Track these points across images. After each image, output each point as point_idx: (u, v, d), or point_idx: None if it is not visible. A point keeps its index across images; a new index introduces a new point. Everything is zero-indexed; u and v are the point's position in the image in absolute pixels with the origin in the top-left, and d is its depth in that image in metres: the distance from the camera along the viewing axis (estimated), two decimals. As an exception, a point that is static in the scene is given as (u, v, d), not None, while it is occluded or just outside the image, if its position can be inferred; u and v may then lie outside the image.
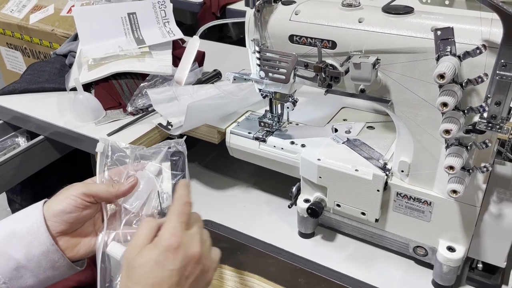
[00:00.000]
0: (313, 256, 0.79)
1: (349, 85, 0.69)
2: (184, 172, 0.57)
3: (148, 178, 0.56)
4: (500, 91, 0.55)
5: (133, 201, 0.56)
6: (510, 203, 0.66)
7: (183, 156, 0.57)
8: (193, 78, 0.97)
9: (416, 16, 0.62)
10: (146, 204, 0.56)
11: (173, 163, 0.56)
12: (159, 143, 0.58)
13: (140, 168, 0.57)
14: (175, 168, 0.56)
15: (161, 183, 0.56)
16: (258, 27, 0.71)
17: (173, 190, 0.55)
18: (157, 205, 0.55)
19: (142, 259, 0.47)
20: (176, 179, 0.56)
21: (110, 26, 1.01)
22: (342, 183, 0.73)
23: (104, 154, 0.57)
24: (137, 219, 0.56)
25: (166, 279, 0.46)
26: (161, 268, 0.47)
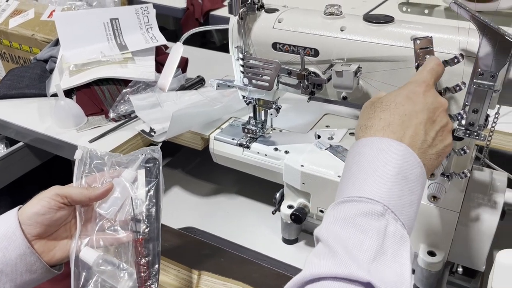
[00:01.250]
0: (296, 262, 0.80)
1: (332, 93, 0.70)
2: (158, 178, 0.57)
3: (124, 185, 0.56)
4: (477, 99, 0.56)
5: (108, 206, 0.56)
6: (488, 208, 0.67)
7: (157, 163, 0.57)
8: (176, 84, 0.97)
9: (396, 25, 0.64)
10: (120, 211, 0.56)
11: (147, 170, 0.57)
12: (136, 151, 0.59)
13: (116, 175, 0.58)
14: (149, 175, 0.56)
15: (136, 190, 0.56)
16: (242, 35, 0.72)
17: (146, 197, 0.55)
18: (131, 211, 0.55)
19: (389, 96, 0.48)
20: (150, 186, 0.56)
21: (92, 31, 1.00)
22: (325, 189, 0.74)
23: (82, 161, 0.58)
24: (111, 225, 0.56)
25: (415, 114, 0.46)
26: (411, 103, 0.46)
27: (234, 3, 0.67)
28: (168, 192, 0.99)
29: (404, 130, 0.45)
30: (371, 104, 0.50)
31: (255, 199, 0.96)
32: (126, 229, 0.56)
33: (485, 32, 0.52)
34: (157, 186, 0.57)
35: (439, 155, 0.47)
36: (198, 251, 0.73)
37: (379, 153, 0.43)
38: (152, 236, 0.55)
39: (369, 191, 0.41)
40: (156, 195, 0.56)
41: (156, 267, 0.55)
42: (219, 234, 0.87)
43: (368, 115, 0.48)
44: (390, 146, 0.44)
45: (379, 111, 0.47)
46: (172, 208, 0.94)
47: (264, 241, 0.85)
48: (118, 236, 0.56)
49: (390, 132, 0.45)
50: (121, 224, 0.57)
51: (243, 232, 0.87)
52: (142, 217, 0.55)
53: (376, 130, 0.46)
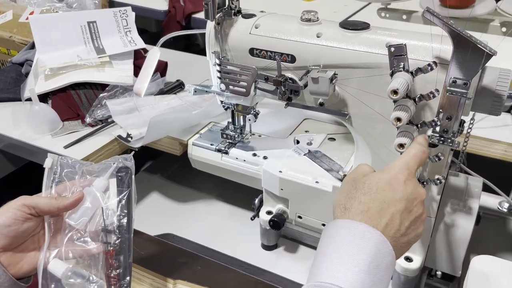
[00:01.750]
0: (275, 268, 0.79)
1: (309, 98, 0.69)
2: (130, 188, 0.56)
3: (95, 195, 0.55)
4: (450, 107, 0.57)
5: (78, 217, 0.55)
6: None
7: (130, 172, 0.56)
8: (155, 88, 0.96)
9: (372, 32, 0.64)
10: (91, 221, 0.54)
11: (118, 179, 0.55)
12: (108, 159, 0.57)
13: (87, 184, 0.56)
14: (120, 184, 0.55)
15: (107, 200, 0.55)
16: (219, 40, 0.71)
17: (118, 207, 0.54)
18: (102, 222, 0.54)
19: (372, 179, 0.49)
20: (122, 196, 0.55)
21: (68, 34, 0.98)
22: (303, 195, 0.74)
23: (52, 170, 0.56)
24: (81, 236, 0.55)
25: (393, 202, 0.46)
26: (392, 191, 0.47)
27: (210, 8, 0.67)
28: (147, 198, 0.98)
29: (381, 218, 0.46)
30: (353, 182, 0.50)
31: (234, 205, 0.95)
32: (97, 240, 0.55)
33: (457, 40, 0.53)
34: (129, 196, 0.55)
35: (409, 243, 0.48)
36: (175, 259, 0.72)
37: (355, 238, 0.44)
38: (123, 247, 0.54)
39: (343, 280, 0.41)
40: (128, 205, 0.55)
41: (127, 280, 0.53)
42: (197, 240, 0.86)
43: (348, 193, 0.49)
44: (365, 233, 0.44)
45: (360, 193, 0.48)
46: (150, 214, 0.93)
47: (243, 247, 0.84)
48: (88, 248, 0.55)
49: (368, 218, 0.46)
50: (91, 235, 0.55)
51: (222, 238, 0.86)
52: (113, 228, 0.54)
53: (355, 214, 0.46)
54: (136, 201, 0.57)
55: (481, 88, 0.58)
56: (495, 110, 0.59)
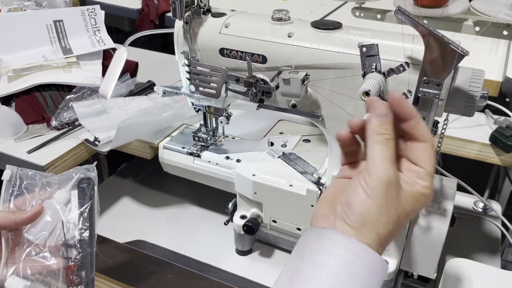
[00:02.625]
0: (250, 274, 0.77)
1: (282, 100, 0.67)
2: (93, 200, 0.53)
3: (55, 208, 0.52)
4: (423, 108, 0.56)
5: (37, 231, 0.52)
6: (438, 216, 0.67)
7: (92, 183, 0.54)
8: (124, 90, 0.93)
9: (344, 32, 0.62)
10: (51, 235, 0.52)
11: (80, 191, 0.53)
12: (69, 170, 0.54)
13: (47, 196, 0.53)
14: (82, 196, 0.53)
15: (68, 212, 0.52)
16: (188, 40, 0.68)
17: (79, 220, 0.52)
18: (62, 236, 0.52)
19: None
20: (83, 208, 0.52)
21: (33, 34, 0.94)
22: (277, 198, 0.72)
23: (10, 183, 0.53)
24: (40, 251, 0.52)
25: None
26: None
27: (178, 6, 0.64)
28: (117, 203, 0.94)
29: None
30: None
31: (209, 209, 0.93)
32: (57, 255, 0.52)
33: (429, 40, 0.52)
34: (91, 208, 0.53)
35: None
36: (145, 267, 0.70)
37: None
38: (85, 262, 0.51)
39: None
40: (90, 218, 0.53)
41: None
42: (170, 246, 0.83)
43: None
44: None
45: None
46: (120, 220, 0.90)
47: (217, 253, 0.82)
48: (48, 263, 0.52)
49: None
50: (51, 250, 0.52)
51: (195, 244, 0.84)
52: (74, 242, 0.52)
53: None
54: (99, 212, 0.54)
55: (454, 88, 0.57)
56: (468, 111, 0.58)
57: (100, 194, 0.97)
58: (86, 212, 0.52)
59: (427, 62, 0.53)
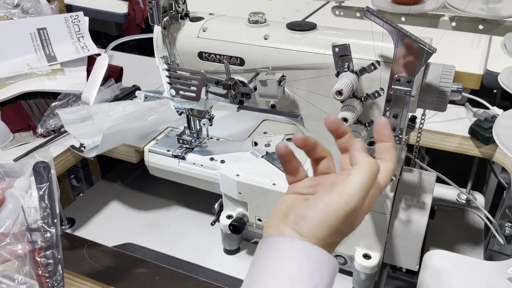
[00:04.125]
0: (238, 272, 0.79)
1: (261, 101, 0.69)
2: (50, 182, 0.53)
3: (16, 195, 0.53)
4: (396, 105, 0.57)
5: (1, 220, 0.52)
6: (418, 209, 0.68)
7: (47, 165, 0.54)
8: (109, 95, 0.94)
9: (318, 32, 0.63)
10: (15, 223, 0.53)
11: (36, 174, 0.53)
12: (26, 156, 0.55)
13: (7, 186, 0.54)
14: (39, 179, 0.53)
15: (29, 198, 0.53)
16: (167, 44, 0.69)
17: (40, 204, 0.53)
18: (24, 222, 0.52)
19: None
20: (42, 191, 0.53)
21: (17, 42, 0.95)
22: (261, 198, 0.73)
23: None
24: (5, 239, 0.53)
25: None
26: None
27: (155, 12, 0.65)
28: (106, 207, 0.95)
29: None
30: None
31: (197, 210, 0.94)
32: (23, 241, 0.53)
33: (399, 39, 0.53)
34: (49, 191, 0.53)
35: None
36: (133, 270, 0.71)
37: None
38: (51, 243, 0.52)
39: None
40: (49, 200, 0.53)
41: (59, 276, 0.52)
42: (158, 248, 0.84)
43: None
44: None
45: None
46: (109, 224, 0.91)
47: (205, 253, 0.83)
48: (14, 249, 0.52)
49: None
50: (16, 236, 0.53)
51: (183, 245, 0.85)
52: (37, 226, 0.52)
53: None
54: (59, 195, 0.55)
55: (425, 85, 0.59)
56: (440, 106, 0.59)
57: (90, 198, 0.99)
58: (46, 195, 0.53)
59: (397, 60, 0.54)
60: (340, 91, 0.54)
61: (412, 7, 1.05)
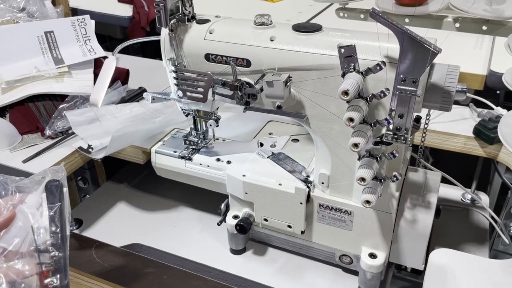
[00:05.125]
0: (244, 272, 0.79)
1: (267, 102, 0.69)
2: (62, 202, 0.52)
3: (26, 213, 0.52)
4: (402, 104, 0.57)
5: (10, 238, 0.51)
6: (423, 208, 0.69)
7: (60, 184, 0.53)
8: (116, 97, 0.95)
9: (324, 34, 0.64)
10: (24, 241, 0.51)
11: (48, 193, 0.52)
12: (37, 173, 0.54)
13: (18, 202, 0.53)
14: (51, 199, 0.52)
15: (39, 217, 0.52)
16: (174, 47, 0.70)
17: (50, 224, 0.51)
18: (33, 242, 0.51)
19: None
20: (53, 211, 0.51)
21: (25, 46, 0.96)
22: (267, 197, 0.74)
23: None
24: (14, 258, 0.51)
25: None
26: None
27: (162, 15, 0.66)
28: (113, 208, 0.96)
29: None
30: None
31: (203, 210, 0.94)
32: (31, 261, 0.51)
33: (404, 40, 0.54)
34: (60, 211, 0.52)
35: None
36: (140, 270, 0.72)
37: None
38: (59, 267, 0.51)
39: None
40: (60, 221, 0.52)
41: None
42: (165, 248, 0.85)
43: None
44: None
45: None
46: (117, 225, 0.91)
47: (212, 253, 0.84)
48: (21, 270, 0.51)
49: None
50: (24, 256, 0.51)
51: (190, 245, 0.86)
52: (46, 247, 0.51)
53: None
54: (70, 215, 0.53)
55: (430, 85, 0.59)
56: (445, 106, 0.60)
57: (97, 199, 1.00)
58: (56, 216, 0.51)
59: (403, 61, 0.55)
60: (346, 91, 0.55)
61: (416, 9, 1.05)
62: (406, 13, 1.06)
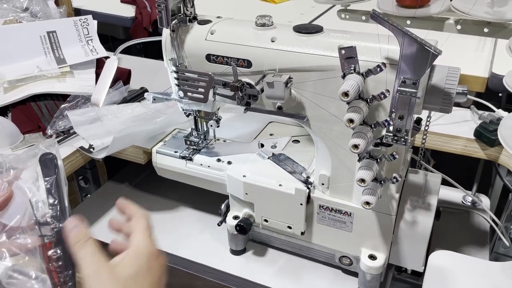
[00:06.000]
0: (244, 273, 0.79)
1: (268, 103, 0.70)
2: (58, 174, 0.52)
3: (24, 188, 0.52)
4: (402, 106, 0.58)
5: (11, 215, 0.51)
6: (423, 210, 0.69)
7: (53, 157, 0.53)
8: (118, 97, 0.95)
9: (325, 35, 0.64)
10: (24, 216, 0.52)
11: (42, 166, 0.52)
12: (32, 146, 0.54)
13: (14, 179, 0.53)
14: (46, 171, 0.52)
15: (36, 190, 0.52)
16: (175, 47, 0.71)
17: (48, 196, 0.52)
18: (32, 215, 0.51)
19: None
20: (49, 183, 0.52)
21: (27, 45, 0.96)
22: (268, 198, 0.74)
23: None
24: (15, 232, 0.52)
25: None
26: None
27: (164, 15, 0.66)
28: (114, 208, 0.96)
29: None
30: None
31: (203, 211, 0.94)
32: (32, 234, 0.52)
33: (404, 41, 0.54)
34: (57, 182, 0.52)
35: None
36: (140, 269, 0.72)
37: None
38: (61, 238, 0.51)
39: None
40: (57, 192, 0.52)
41: (71, 270, 0.51)
42: (165, 248, 0.84)
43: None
44: None
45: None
46: (117, 225, 0.91)
47: (212, 253, 0.84)
48: (23, 243, 0.51)
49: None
50: (25, 230, 0.52)
51: (190, 245, 0.86)
52: (46, 220, 0.51)
53: None
54: (67, 186, 0.54)
55: (430, 86, 0.59)
56: (445, 108, 0.60)
57: (98, 199, 1.00)
58: (53, 188, 0.51)
59: (403, 62, 0.55)
60: (346, 92, 0.55)
61: (417, 10, 1.05)
62: (407, 15, 1.06)
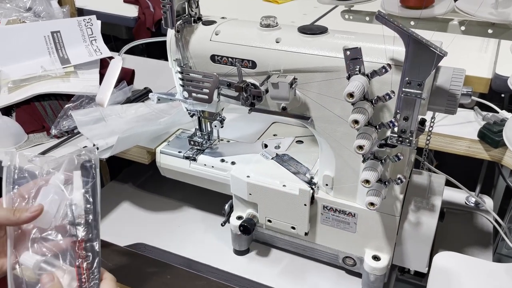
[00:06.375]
0: (247, 273, 0.79)
1: (272, 103, 0.70)
2: (95, 179, 0.56)
3: (57, 189, 0.55)
4: (407, 107, 0.58)
5: (43, 219, 0.54)
6: (427, 211, 0.69)
7: (93, 163, 0.57)
8: (121, 97, 0.95)
9: (329, 36, 0.64)
10: (55, 216, 0.55)
11: (83, 171, 0.56)
12: (71, 152, 0.57)
13: (47, 180, 0.56)
14: (86, 175, 0.56)
15: (71, 193, 0.55)
16: (180, 47, 0.71)
17: (83, 199, 0.55)
18: (66, 215, 0.55)
19: None
20: (87, 188, 0.55)
21: (31, 45, 0.97)
22: (271, 199, 0.74)
23: (11, 168, 0.56)
24: (47, 231, 0.55)
25: None
26: None
27: (169, 16, 0.66)
28: (118, 208, 0.97)
29: None
30: None
31: (207, 211, 0.95)
32: (64, 234, 0.55)
33: (409, 43, 0.54)
34: (93, 187, 0.56)
35: None
36: (144, 269, 0.72)
37: None
38: (91, 238, 0.54)
39: None
40: (93, 197, 0.55)
41: (96, 269, 0.54)
42: (169, 248, 0.85)
43: None
44: None
45: None
46: (121, 224, 0.92)
47: (215, 253, 0.84)
48: (56, 241, 0.55)
49: None
50: (58, 229, 0.55)
51: (194, 245, 0.86)
52: (79, 220, 0.54)
53: None
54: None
55: (435, 88, 0.59)
56: (450, 109, 0.60)
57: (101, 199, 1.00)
58: (89, 192, 0.55)
59: (408, 63, 0.55)
60: (351, 93, 0.55)
61: (422, 11, 1.05)
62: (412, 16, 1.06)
